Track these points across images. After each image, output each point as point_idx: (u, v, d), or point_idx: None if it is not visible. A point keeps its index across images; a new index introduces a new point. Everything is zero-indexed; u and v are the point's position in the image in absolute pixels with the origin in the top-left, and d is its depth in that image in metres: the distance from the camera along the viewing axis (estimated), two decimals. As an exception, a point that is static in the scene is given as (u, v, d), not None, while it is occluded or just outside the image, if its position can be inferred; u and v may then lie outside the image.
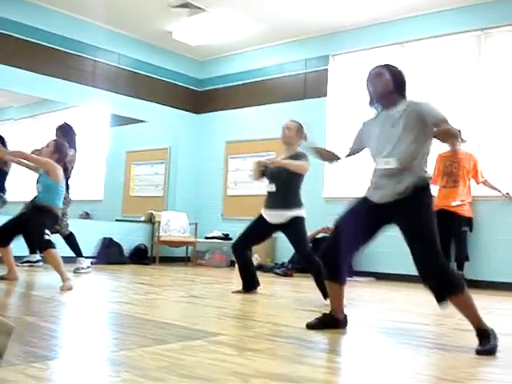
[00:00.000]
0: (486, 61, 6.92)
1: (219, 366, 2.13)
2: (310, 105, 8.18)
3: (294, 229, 4.55)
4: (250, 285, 4.80)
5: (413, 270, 2.75)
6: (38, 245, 4.93)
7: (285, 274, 7.03)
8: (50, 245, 4.64)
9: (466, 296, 2.69)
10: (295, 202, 4.60)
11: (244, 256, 4.79)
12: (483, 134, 6.86)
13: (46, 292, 4.45)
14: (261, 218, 4.71)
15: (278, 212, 4.58)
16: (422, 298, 4.78)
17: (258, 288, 4.86)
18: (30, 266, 6.42)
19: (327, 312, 3.15)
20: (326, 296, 4.35)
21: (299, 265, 7.09)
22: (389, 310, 4.32)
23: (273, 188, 4.65)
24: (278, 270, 7.15)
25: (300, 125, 4.72)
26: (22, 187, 6.46)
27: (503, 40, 6.82)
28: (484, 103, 6.90)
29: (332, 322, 3.10)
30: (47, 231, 4.72)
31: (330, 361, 2.48)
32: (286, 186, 4.63)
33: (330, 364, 2.41)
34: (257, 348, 2.53)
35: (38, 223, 4.73)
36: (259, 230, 4.76)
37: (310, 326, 3.08)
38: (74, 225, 6.25)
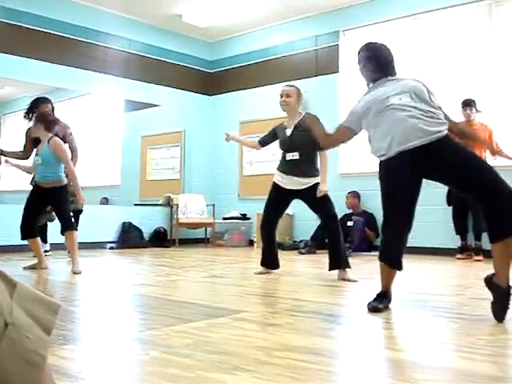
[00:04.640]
0: (497, 30, 6.84)
1: (243, 341, 2.20)
2: (322, 82, 8.16)
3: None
4: (269, 263, 4.74)
5: (430, 243, 2.78)
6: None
7: (309, 252, 7.04)
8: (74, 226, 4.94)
9: None
10: (316, 170, 4.59)
11: (270, 234, 4.69)
12: (496, 105, 6.80)
13: (69, 278, 4.56)
14: (275, 188, 4.62)
15: (300, 179, 4.52)
16: (439, 269, 4.82)
17: (276, 270, 4.76)
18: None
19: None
20: (338, 266, 4.31)
21: (320, 242, 7.16)
22: (408, 283, 4.36)
23: (295, 156, 4.55)
24: (302, 250, 7.16)
25: (298, 89, 4.67)
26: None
27: (514, 8, 6.73)
28: (497, 73, 6.83)
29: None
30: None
31: (350, 333, 2.54)
32: (309, 154, 4.57)
33: (350, 336, 2.47)
34: (278, 323, 2.60)
35: None
36: (279, 201, 4.65)
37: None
38: (93, 210, 6.31)
